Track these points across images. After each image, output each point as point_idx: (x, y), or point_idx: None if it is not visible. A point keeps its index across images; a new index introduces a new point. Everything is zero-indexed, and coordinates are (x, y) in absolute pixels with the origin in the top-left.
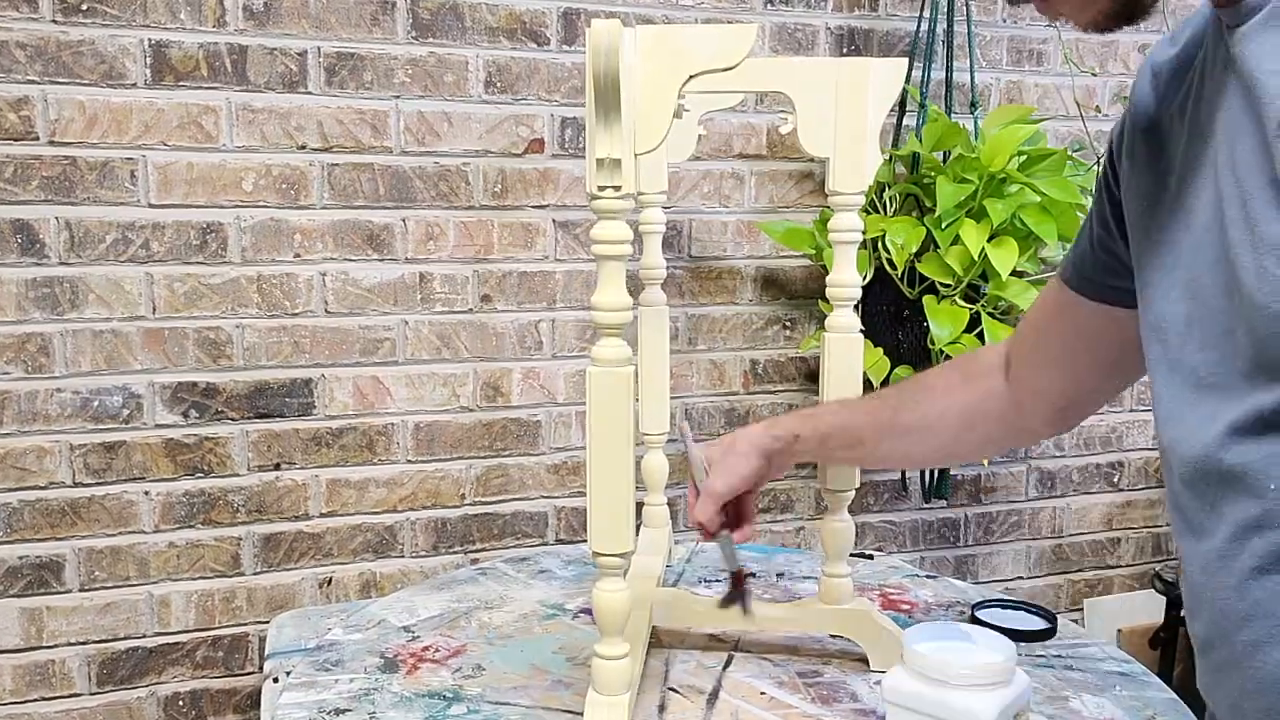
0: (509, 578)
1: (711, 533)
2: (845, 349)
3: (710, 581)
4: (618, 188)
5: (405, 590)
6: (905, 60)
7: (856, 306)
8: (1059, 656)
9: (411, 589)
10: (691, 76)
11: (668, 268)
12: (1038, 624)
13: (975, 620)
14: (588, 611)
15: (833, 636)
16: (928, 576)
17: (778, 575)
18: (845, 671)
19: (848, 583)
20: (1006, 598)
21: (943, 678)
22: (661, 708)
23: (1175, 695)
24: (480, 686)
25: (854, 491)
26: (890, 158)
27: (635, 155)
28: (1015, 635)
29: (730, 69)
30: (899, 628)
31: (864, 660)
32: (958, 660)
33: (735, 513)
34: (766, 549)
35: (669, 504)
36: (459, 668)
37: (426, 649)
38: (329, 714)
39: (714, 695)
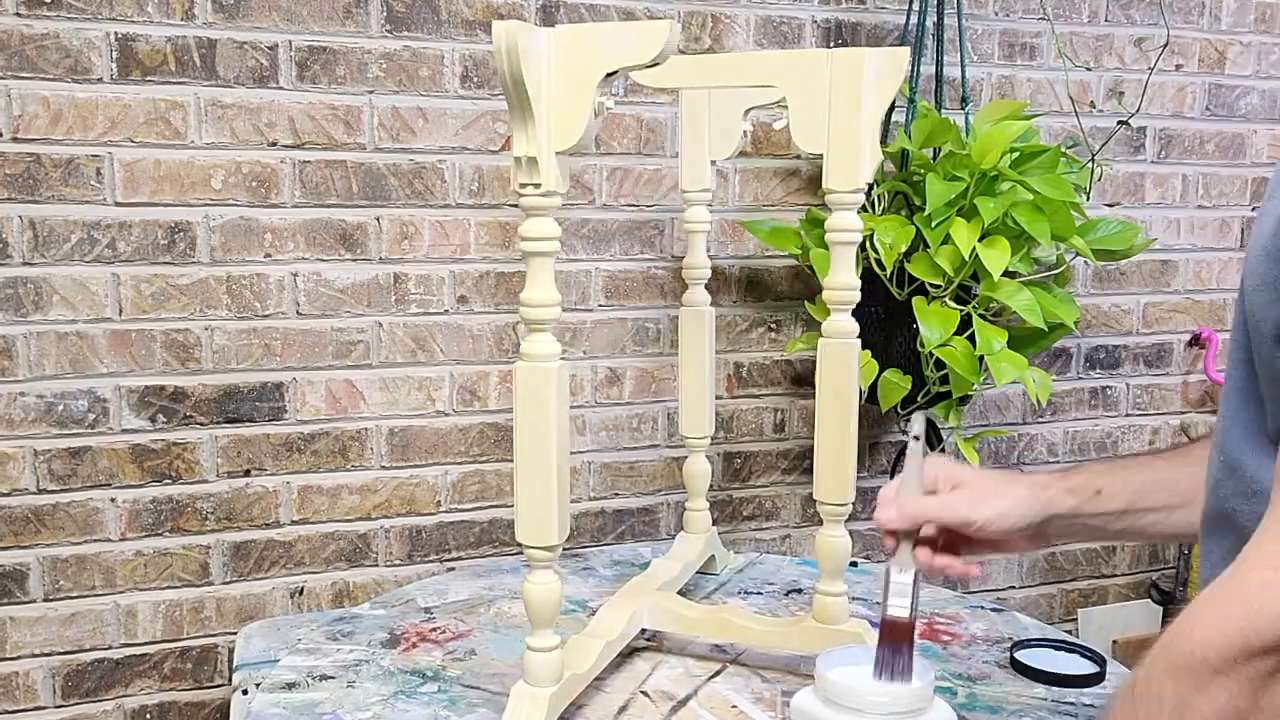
0: None
1: (892, 537)
2: (842, 355)
3: (749, 593)
4: (538, 185)
5: (447, 575)
6: (906, 49)
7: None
8: (1089, 706)
9: (454, 574)
10: (608, 75)
11: (650, 268)
12: (1083, 668)
13: (1014, 661)
14: None
15: None
16: (992, 609)
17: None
18: None
19: (842, 601)
20: (1058, 638)
21: (852, 705)
22: (623, 709)
23: None
24: (462, 669)
25: (849, 505)
26: None
27: (555, 153)
28: (1056, 680)
29: (649, 65)
30: None
31: None
32: (867, 686)
33: (947, 544)
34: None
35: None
36: (453, 650)
37: (434, 630)
38: (316, 678)
39: (682, 703)
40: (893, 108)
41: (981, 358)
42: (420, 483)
